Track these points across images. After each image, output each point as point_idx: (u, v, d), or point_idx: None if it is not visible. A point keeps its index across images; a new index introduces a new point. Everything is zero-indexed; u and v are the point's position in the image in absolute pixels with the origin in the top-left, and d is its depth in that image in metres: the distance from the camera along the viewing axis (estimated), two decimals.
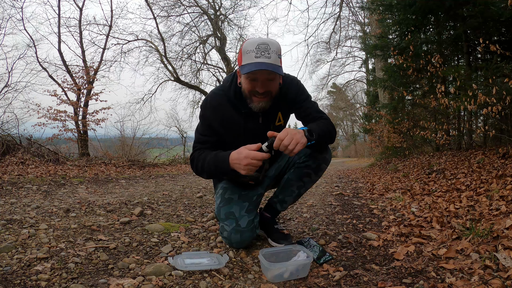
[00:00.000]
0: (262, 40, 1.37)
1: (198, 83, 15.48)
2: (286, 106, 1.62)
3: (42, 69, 9.70)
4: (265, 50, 1.35)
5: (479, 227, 1.68)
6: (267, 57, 1.35)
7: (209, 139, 1.60)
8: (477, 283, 1.17)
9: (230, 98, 1.54)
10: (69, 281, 1.20)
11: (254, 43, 1.37)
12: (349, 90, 31.77)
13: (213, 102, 1.57)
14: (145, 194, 3.47)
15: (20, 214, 2.14)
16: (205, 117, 1.58)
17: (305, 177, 1.70)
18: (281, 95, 1.56)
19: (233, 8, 15.01)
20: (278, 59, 1.39)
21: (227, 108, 1.55)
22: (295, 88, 1.62)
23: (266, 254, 1.39)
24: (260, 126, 1.56)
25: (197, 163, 1.57)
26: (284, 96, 1.58)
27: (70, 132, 8.89)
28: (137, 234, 1.83)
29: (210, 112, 1.56)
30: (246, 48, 1.38)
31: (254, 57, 1.36)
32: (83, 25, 10.35)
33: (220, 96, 1.57)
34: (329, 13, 21.26)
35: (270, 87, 1.44)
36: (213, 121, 1.56)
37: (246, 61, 1.38)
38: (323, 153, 1.68)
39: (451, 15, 4.93)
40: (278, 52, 1.39)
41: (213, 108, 1.56)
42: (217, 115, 1.55)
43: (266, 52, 1.36)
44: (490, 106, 3.45)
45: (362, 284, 1.27)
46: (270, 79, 1.42)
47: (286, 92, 1.59)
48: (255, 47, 1.36)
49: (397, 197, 3.13)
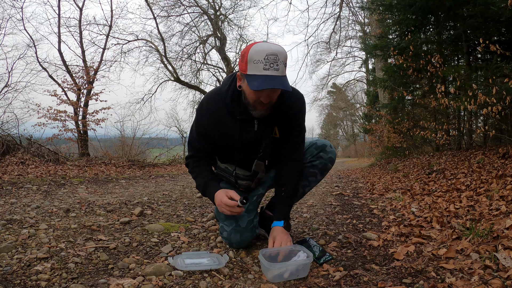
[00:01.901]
0: (271, 50, 1.28)
1: (198, 83, 15.50)
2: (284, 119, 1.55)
3: (42, 69, 9.73)
4: (274, 61, 1.28)
5: (479, 227, 1.68)
6: (276, 69, 1.28)
7: (203, 147, 1.62)
8: (477, 283, 1.17)
9: (226, 103, 1.49)
10: (69, 281, 1.20)
11: (263, 52, 1.27)
12: (349, 90, 31.82)
13: (209, 107, 1.53)
14: (145, 194, 3.47)
15: (20, 214, 2.14)
16: (200, 124, 1.56)
17: (310, 176, 1.72)
18: (282, 108, 1.50)
19: (233, 8, 15.03)
20: (284, 69, 1.33)
21: (222, 113, 1.51)
22: (297, 108, 1.56)
23: (266, 254, 1.39)
24: (255, 133, 1.53)
25: (191, 173, 1.68)
26: (286, 110, 1.52)
27: (70, 132, 8.90)
28: (137, 234, 1.83)
29: (206, 118, 1.53)
30: (253, 57, 1.28)
31: (263, 69, 1.27)
32: (83, 25, 10.37)
33: (216, 101, 1.52)
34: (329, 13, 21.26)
35: (273, 98, 1.40)
36: (208, 128, 1.54)
37: (253, 71, 1.29)
38: (329, 154, 1.71)
39: (451, 15, 4.93)
40: (285, 61, 1.33)
41: (208, 114, 1.53)
42: (213, 121, 1.52)
43: (275, 64, 1.28)
44: (490, 106, 3.45)
45: (362, 284, 1.27)
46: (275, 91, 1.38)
47: (289, 107, 1.52)
48: (264, 57, 1.27)
49: (397, 197, 3.13)
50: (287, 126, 1.57)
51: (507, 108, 3.64)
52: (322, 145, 1.72)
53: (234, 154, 1.58)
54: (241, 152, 1.57)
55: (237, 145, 1.54)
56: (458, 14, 4.75)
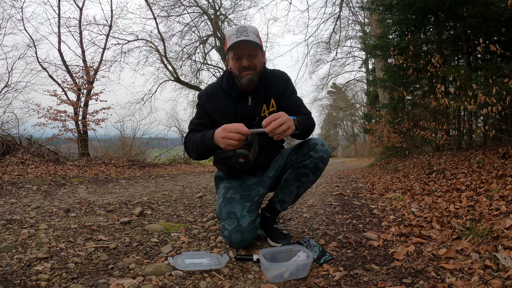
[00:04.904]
0: (241, 25, 1.60)
1: (198, 83, 15.48)
2: (276, 94, 1.74)
3: (42, 69, 9.71)
4: (243, 31, 1.56)
5: (479, 227, 1.68)
6: (246, 36, 1.55)
7: (203, 122, 1.74)
8: (477, 283, 1.17)
9: (223, 87, 1.72)
10: (69, 281, 1.20)
11: (234, 28, 1.59)
12: (349, 90, 31.79)
13: (208, 90, 1.77)
14: (145, 194, 3.47)
15: (20, 214, 2.14)
16: (200, 103, 1.76)
17: (303, 177, 1.70)
18: (271, 84, 1.72)
19: (233, 8, 15.02)
20: (256, 38, 1.59)
21: (220, 95, 1.73)
22: (284, 81, 1.77)
23: (266, 254, 1.39)
24: (249, 107, 1.71)
25: (189, 143, 1.69)
26: (275, 86, 1.73)
27: (70, 132, 8.89)
28: (137, 234, 1.83)
29: (205, 98, 1.75)
30: (227, 34, 1.61)
31: (235, 38, 1.55)
32: (83, 25, 10.36)
33: (214, 86, 1.77)
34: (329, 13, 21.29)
35: (253, 62, 1.61)
36: (207, 106, 1.73)
37: (229, 43, 1.58)
38: (319, 152, 1.67)
39: (451, 15, 4.93)
40: (256, 33, 1.60)
41: (207, 95, 1.75)
42: (211, 100, 1.73)
43: (245, 33, 1.56)
44: (490, 106, 3.45)
45: (362, 284, 1.27)
46: (252, 55, 1.61)
47: (277, 83, 1.74)
48: (235, 31, 1.57)
49: (397, 197, 3.13)
50: (282, 98, 1.75)
51: (507, 108, 3.64)
52: (313, 143, 1.69)
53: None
54: None
55: (233, 119, 1.64)
56: (458, 14, 4.75)
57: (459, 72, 4.53)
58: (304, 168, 1.68)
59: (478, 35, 4.64)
